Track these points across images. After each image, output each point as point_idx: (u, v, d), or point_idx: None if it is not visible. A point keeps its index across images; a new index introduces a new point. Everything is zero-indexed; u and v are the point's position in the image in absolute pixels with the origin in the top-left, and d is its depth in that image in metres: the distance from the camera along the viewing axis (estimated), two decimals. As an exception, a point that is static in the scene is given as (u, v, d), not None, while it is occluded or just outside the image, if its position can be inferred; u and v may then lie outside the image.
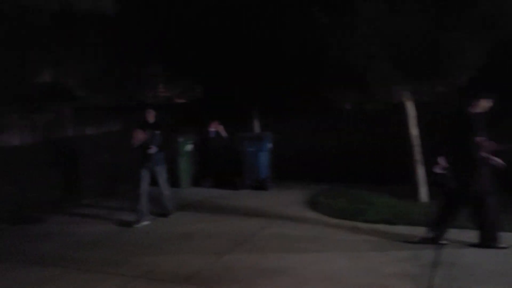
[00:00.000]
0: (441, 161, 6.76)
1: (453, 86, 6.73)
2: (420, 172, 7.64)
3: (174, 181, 9.68)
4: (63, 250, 5.62)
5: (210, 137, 9.80)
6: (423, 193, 7.58)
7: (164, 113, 11.02)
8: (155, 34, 11.65)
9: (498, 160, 5.00)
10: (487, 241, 4.99)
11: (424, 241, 5.20)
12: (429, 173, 7.81)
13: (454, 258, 4.73)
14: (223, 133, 9.87)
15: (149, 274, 4.73)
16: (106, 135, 9.29)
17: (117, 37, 11.95)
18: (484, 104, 5.10)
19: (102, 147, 8.98)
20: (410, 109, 7.51)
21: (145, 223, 6.66)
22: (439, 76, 6.33)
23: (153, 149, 6.71)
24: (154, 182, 6.96)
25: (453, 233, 5.29)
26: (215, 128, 9.86)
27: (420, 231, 5.40)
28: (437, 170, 7.36)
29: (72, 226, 6.74)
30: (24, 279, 4.72)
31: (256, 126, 10.46)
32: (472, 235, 5.13)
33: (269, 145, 9.12)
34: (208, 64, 10.90)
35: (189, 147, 9.81)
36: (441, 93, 7.29)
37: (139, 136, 6.71)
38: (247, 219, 6.77)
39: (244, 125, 10.32)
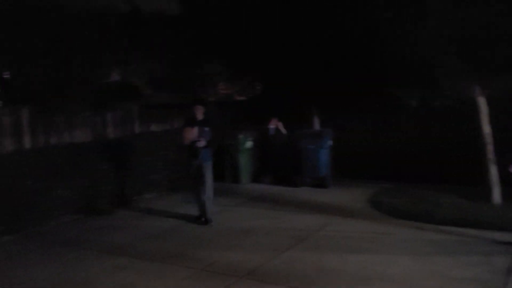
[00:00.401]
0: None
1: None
2: (493, 172, 7.18)
3: (234, 177, 9.90)
4: (130, 241, 5.91)
5: (269, 134, 9.85)
6: (496, 194, 7.13)
7: (224, 111, 11.30)
8: (217, 34, 11.91)
9: None
10: None
11: None
12: (504, 173, 7.35)
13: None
14: (283, 130, 9.87)
15: (212, 267, 4.85)
16: (169, 132, 9.62)
17: (181, 37, 12.37)
18: None
19: (166, 143, 9.31)
20: (482, 105, 7.08)
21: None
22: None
23: (201, 143, 6.45)
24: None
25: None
26: (275, 125, 9.88)
27: (492, 235, 5.08)
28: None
29: (137, 219, 7.07)
30: (96, 267, 5.01)
31: (316, 123, 10.35)
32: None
33: (329, 142, 8.99)
34: (268, 61, 10.96)
35: (249, 143, 9.92)
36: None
37: (189, 133, 6.54)
38: (307, 216, 6.74)
39: (303, 122, 10.26)
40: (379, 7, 6.56)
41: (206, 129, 6.58)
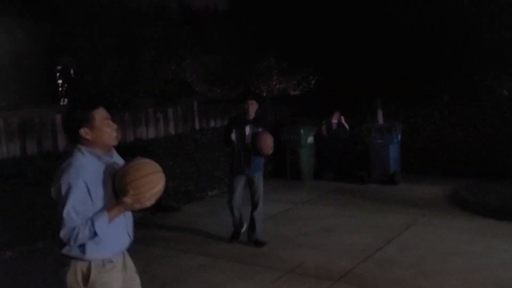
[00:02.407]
0: None
1: None
2: None
3: (295, 173, 9.58)
4: (205, 240, 5.70)
5: (332, 129, 9.45)
6: None
7: (279, 106, 11.00)
8: (269, 26, 11.62)
9: None
10: None
11: None
12: None
13: None
14: (346, 124, 9.44)
15: (299, 269, 4.56)
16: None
17: (232, 32, 12.19)
18: None
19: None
20: None
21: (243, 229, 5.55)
22: None
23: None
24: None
25: None
26: (337, 119, 9.47)
27: None
28: None
29: (205, 217, 6.87)
30: (177, 265, 4.83)
31: (380, 117, 9.86)
32: None
33: (399, 137, 8.51)
34: (326, 52, 10.58)
35: (310, 139, 9.57)
36: None
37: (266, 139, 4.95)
38: (386, 214, 6.33)
39: (365, 116, 9.80)
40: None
41: (260, 130, 5.08)
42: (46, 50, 10.01)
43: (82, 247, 2.19)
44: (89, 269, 2.22)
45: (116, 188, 2.18)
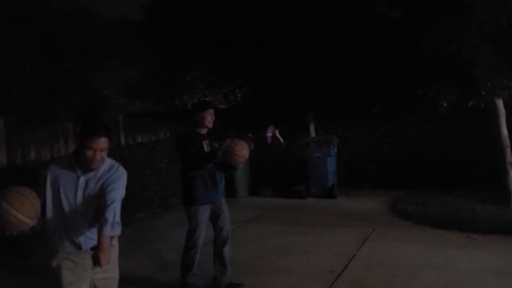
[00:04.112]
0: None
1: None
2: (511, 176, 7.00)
3: (228, 191, 9.09)
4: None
5: (267, 143, 9.19)
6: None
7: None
8: (193, 38, 11.15)
9: None
10: None
11: None
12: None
13: None
14: (280, 138, 9.24)
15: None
16: (158, 143, 8.72)
17: (152, 44, 11.46)
18: None
19: (156, 155, 8.39)
20: (500, 106, 6.90)
21: None
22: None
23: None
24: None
25: None
26: (272, 132, 9.24)
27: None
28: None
29: (136, 244, 6.09)
30: None
31: (312, 130, 9.87)
32: None
33: (335, 150, 8.52)
34: (255, 65, 10.37)
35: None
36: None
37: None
38: (337, 230, 6.15)
39: (298, 130, 9.75)
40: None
41: (216, 146, 4.15)
42: None
43: None
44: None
45: None
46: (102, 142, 2.54)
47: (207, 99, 12.16)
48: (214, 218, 4.19)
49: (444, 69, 5.83)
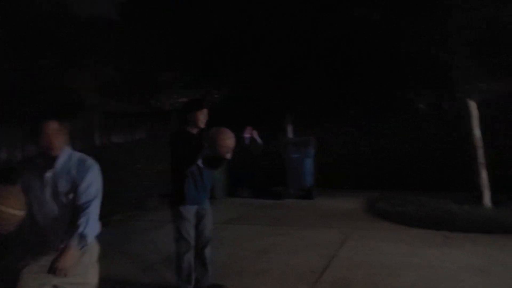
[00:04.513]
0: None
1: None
2: (484, 176, 7.20)
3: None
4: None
5: (244, 144, 9.15)
6: (487, 198, 7.13)
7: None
8: (171, 38, 11.00)
9: None
10: None
11: None
12: (493, 177, 7.46)
13: None
14: (258, 139, 9.23)
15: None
16: (135, 143, 8.56)
17: (127, 43, 11.26)
18: None
19: (132, 156, 8.24)
20: (473, 108, 7.10)
21: None
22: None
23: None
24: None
25: None
26: (250, 134, 9.21)
27: None
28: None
29: (114, 247, 5.94)
30: None
31: (290, 131, 9.90)
32: None
33: (314, 151, 8.57)
34: (234, 66, 10.32)
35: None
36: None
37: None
38: (316, 231, 6.17)
39: (276, 131, 9.77)
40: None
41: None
42: None
43: None
44: None
45: None
46: (52, 125, 2.46)
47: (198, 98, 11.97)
48: (198, 219, 4.10)
49: (423, 72, 5.93)
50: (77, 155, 2.60)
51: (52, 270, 2.31)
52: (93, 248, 2.65)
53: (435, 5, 5.52)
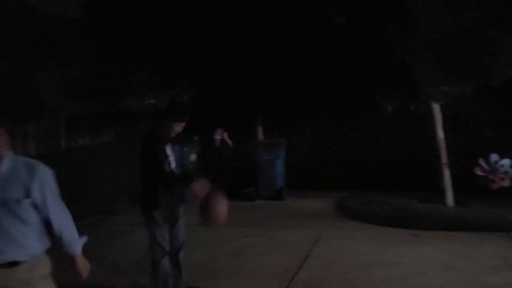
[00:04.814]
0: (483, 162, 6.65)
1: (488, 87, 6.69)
2: (447, 176, 7.48)
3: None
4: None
5: (215, 146, 9.14)
6: (450, 197, 7.41)
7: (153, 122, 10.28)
8: (139, 38, 10.82)
9: None
10: None
11: None
12: (456, 177, 7.76)
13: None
14: (229, 141, 9.24)
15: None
16: (103, 146, 8.37)
17: (92, 43, 10.99)
18: None
19: (100, 158, 8.05)
20: (436, 111, 7.36)
21: None
22: (483, 76, 6.20)
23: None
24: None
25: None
26: (220, 135, 9.22)
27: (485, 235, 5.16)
28: (479, 172, 7.31)
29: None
30: None
31: (260, 133, 9.95)
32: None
33: (284, 153, 8.65)
34: (203, 68, 10.27)
35: (193, 156, 9.05)
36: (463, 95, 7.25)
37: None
38: (289, 231, 6.23)
39: (246, 132, 9.80)
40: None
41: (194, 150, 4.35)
42: None
43: None
44: None
45: None
46: None
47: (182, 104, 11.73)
48: (172, 222, 4.05)
49: (390, 75, 6.11)
50: (22, 159, 2.33)
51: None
52: (44, 260, 2.38)
53: (401, 10, 5.71)
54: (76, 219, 6.56)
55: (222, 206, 3.80)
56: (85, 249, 5.48)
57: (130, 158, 8.73)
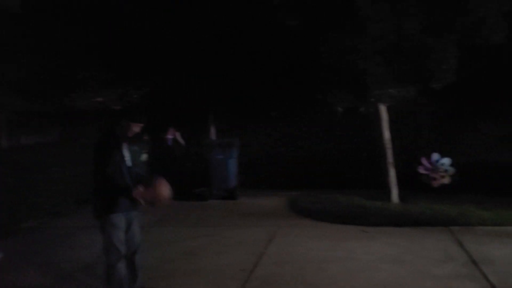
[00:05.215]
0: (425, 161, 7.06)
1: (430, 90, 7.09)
2: (392, 174, 7.85)
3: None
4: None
5: (167, 145, 9.01)
6: (395, 194, 7.78)
7: (101, 121, 9.95)
8: (85, 34, 10.44)
9: None
10: None
11: None
12: (401, 175, 8.16)
13: (486, 254, 4.85)
14: (181, 141, 9.15)
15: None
16: (48, 145, 8.00)
17: (35, 38, 10.48)
18: None
19: (46, 158, 7.69)
20: (383, 112, 7.71)
21: None
22: (426, 80, 6.57)
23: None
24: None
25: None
26: (173, 135, 9.10)
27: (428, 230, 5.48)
28: (421, 170, 7.72)
29: (23, 259, 5.51)
30: None
31: (212, 133, 9.93)
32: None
33: (238, 152, 8.68)
34: (154, 66, 10.08)
35: (144, 156, 8.85)
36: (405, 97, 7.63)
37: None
38: (243, 230, 6.28)
39: (198, 132, 9.75)
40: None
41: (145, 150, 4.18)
42: None
43: None
44: None
45: None
46: None
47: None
48: (127, 225, 3.91)
49: (341, 77, 6.33)
50: None
51: None
52: None
53: (352, 15, 5.93)
54: (18, 222, 6.29)
55: (164, 187, 3.82)
56: (28, 254, 5.27)
57: (78, 157, 8.43)
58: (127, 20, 9.57)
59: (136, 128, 3.87)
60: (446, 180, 7.77)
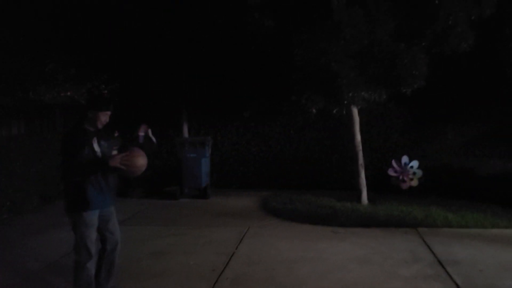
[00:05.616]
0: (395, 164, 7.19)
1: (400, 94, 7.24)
2: (362, 176, 7.96)
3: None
4: None
5: (138, 142, 8.81)
6: (364, 196, 7.90)
7: (70, 116, 9.67)
8: (51, 26, 10.11)
9: None
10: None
11: None
12: (371, 177, 8.30)
13: (451, 255, 4.97)
14: (153, 138, 8.96)
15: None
16: (11, 139, 7.69)
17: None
18: None
19: (6, 153, 7.39)
20: (355, 115, 7.81)
21: None
22: (396, 84, 6.69)
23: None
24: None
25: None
26: (144, 132, 8.90)
27: (396, 231, 5.58)
28: (391, 173, 7.86)
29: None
30: None
31: (185, 130, 9.80)
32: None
33: (210, 151, 8.61)
34: (124, 60, 9.86)
35: (114, 152, 8.68)
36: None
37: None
38: (213, 229, 6.22)
39: (170, 129, 9.62)
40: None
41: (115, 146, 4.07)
42: None
43: None
44: None
45: None
46: None
47: (103, 94, 11.01)
48: (104, 222, 3.81)
49: (315, 79, 6.36)
50: None
51: None
52: None
53: (327, 18, 5.97)
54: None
55: (140, 154, 3.99)
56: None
57: (43, 153, 8.16)
58: (96, 14, 9.33)
59: (104, 117, 3.77)
60: (414, 183, 7.95)
